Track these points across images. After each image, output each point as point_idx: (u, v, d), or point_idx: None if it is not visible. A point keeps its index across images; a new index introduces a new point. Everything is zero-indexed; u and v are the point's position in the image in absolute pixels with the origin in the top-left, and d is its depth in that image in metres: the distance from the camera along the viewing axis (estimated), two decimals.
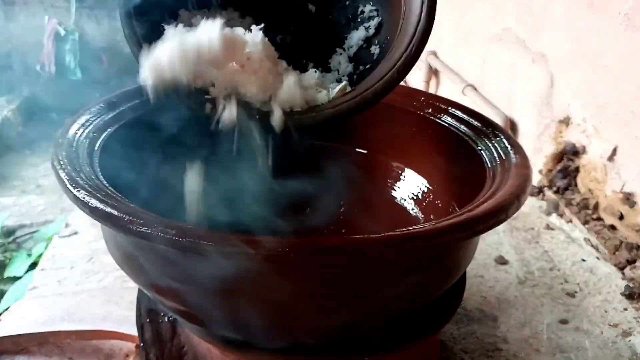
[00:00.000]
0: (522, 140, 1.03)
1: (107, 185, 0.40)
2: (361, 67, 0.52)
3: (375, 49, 0.52)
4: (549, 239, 0.81)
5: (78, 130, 0.47)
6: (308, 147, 0.51)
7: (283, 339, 0.42)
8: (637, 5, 0.74)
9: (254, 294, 0.37)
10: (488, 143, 0.49)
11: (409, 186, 0.59)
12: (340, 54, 0.54)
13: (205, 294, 0.38)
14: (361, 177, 0.62)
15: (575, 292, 0.69)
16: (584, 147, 0.86)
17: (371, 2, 0.52)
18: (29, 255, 1.40)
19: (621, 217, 0.78)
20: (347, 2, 0.54)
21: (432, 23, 0.45)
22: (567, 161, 0.90)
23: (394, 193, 0.60)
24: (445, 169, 0.55)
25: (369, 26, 0.52)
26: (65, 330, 0.54)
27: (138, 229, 0.33)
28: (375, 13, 0.52)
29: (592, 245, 0.79)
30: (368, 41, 0.53)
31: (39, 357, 0.55)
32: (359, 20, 0.53)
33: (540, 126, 0.98)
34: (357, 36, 0.53)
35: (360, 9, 0.53)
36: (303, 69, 0.53)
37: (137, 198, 0.43)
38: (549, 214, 0.88)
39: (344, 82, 0.50)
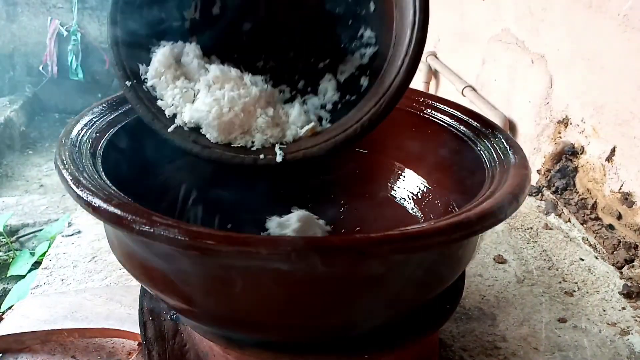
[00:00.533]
0: (521, 140, 1.03)
1: (109, 184, 0.40)
2: (347, 97, 0.51)
3: (364, 81, 0.51)
4: (548, 238, 0.82)
5: (81, 130, 0.47)
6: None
7: (284, 336, 0.42)
8: (636, 6, 0.74)
9: (255, 293, 0.37)
10: (487, 143, 0.50)
11: (409, 186, 0.60)
12: (329, 80, 0.53)
13: (207, 292, 0.38)
14: (361, 177, 0.63)
15: (574, 291, 0.70)
16: (582, 148, 0.87)
17: (372, 28, 0.51)
18: (32, 254, 1.41)
19: (619, 217, 0.78)
20: (350, 22, 0.53)
21: (411, 78, 0.44)
22: (565, 161, 0.90)
23: (393, 193, 0.61)
24: (445, 169, 0.56)
25: (365, 54, 0.51)
26: (68, 329, 0.55)
27: (141, 228, 0.33)
28: (373, 41, 0.51)
29: (591, 245, 0.80)
30: (361, 69, 0.52)
31: (42, 355, 0.55)
32: (357, 44, 0.52)
33: (539, 127, 0.98)
34: (351, 62, 0.52)
35: (360, 32, 0.52)
36: (294, 86, 0.53)
37: (140, 197, 0.44)
38: (547, 213, 0.88)
39: (312, 124, 0.49)
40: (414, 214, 0.58)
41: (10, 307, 0.62)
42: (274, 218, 0.57)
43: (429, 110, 0.56)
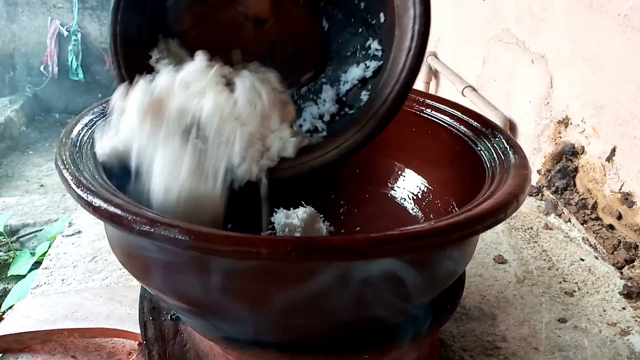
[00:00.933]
0: (521, 140, 1.03)
1: (110, 184, 0.40)
2: (346, 109, 0.51)
3: (364, 95, 0.49)
4: (548, 238, 0.82)
5: (81, 130, 0.47)
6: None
7: (284, 336, 0.42)
8: (636, 6, 0.74)
9: (255, 292, 0.37)
10: (487, 143, 0.50)
11: (409, 186, 0.60)
12: (328, 91, 0.52)
13: (207, 292, 0.38)
14: (361, 177, 0.63)
15: (574, 291, 0.70)
16: (582, 148, 0.87)
17: (379, 41, 0.50)
18: (33, 254, 1.41)
19: (619, 217, 0.78)
20: (360, 30, 0.51)
21: (399, 107, 0.43)
22: (566, 161, 0.90)
23: (393, 193, 0.61)
24: (445, 169, 0.56)
25: (369, 67, 0.50)
26: (69, 329, 0.55)
27: (141, 228, 0.33)
28: (379, 54, 0.50)
29: (591, 245, 0.80)
30: (363, 82, 0.50)
31: (43, 355, 0.55)
32: (363, 54, 0.51)
33: (539, 127, 0.98)
34: (354, 73, 0.51)
35: (368, 43, 0.50)
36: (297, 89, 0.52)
37: (140, 197, 0.44)
38: (547, 213, 0.88)
39: (305, 140, 0.48)
40: (414, 214, 0.58)
41: (10, 307, 0.62)
42: (281, 210, 0.57)
43: (429, 110, 0.56)
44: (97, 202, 0.36)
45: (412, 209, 0.58)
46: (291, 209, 0.59)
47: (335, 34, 0.53)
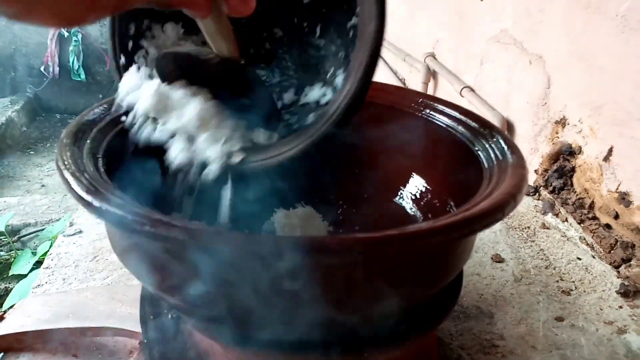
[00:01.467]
0: (519, 140, 1.03)
1: (110, 184, 0.40)
2: (294, 119, 0.50)
3: (311, 118, 0.48)
4: (545, 237, 0.82)
5: (82, 130, 0.48)
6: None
7: (283, 335, 0.43)
8: (633, 6, 0.75)
9: (252, 292, 0.37)
10: (485, 143, 0.50)
11: (407, 186, 0.60)
12: (291, 95, 0.51)
13: (207, 291, 0.39)
14: (360, 177, 0.63)
15: (571, 290, 0.70)
16: (580, 148, 0.87)
17: (344, 77, 0.46)
18: (34, 253, 1.42)
19: (616, 217, 0.79)
20: (340, 55, 0.49)
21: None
22: (563, 161, 0.91)
23: (392, 193, 0.61)
24: (443, 169, 0.56)
25: (326, 95, 0.49)
26: (70, 328, 0.55)
27: (142, 228, 0.34)
28: (340, 84, 0.47)
29: (588, 244, 0.80)
30: (317, 105, 0.49)
31: (44, 354, 0.55)
32: (327, 78, 0.49)
33: (537, 127, 0.99)
34: (315, 93, 0.50)
35: (338, 72, 0.48)
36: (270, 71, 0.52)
37: (141, 197, 0.44)
38: (544, 213, 0.89)
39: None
40: (412, 213, 0.59)
41: (11, 306, 0.63)
42: (280, 210, 0.58)
43: (427, 111, 0.57)
44: (98, 202, 0.36)
45: (411, 209, 0.59)
46: (290, 208, 0.59)
47: (325, 45, 0.53)
